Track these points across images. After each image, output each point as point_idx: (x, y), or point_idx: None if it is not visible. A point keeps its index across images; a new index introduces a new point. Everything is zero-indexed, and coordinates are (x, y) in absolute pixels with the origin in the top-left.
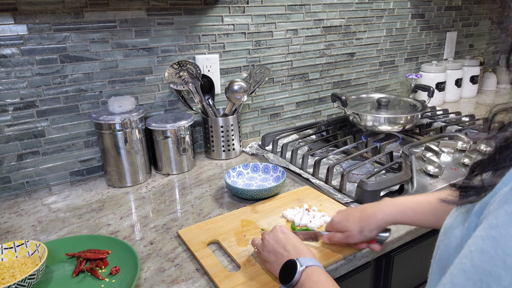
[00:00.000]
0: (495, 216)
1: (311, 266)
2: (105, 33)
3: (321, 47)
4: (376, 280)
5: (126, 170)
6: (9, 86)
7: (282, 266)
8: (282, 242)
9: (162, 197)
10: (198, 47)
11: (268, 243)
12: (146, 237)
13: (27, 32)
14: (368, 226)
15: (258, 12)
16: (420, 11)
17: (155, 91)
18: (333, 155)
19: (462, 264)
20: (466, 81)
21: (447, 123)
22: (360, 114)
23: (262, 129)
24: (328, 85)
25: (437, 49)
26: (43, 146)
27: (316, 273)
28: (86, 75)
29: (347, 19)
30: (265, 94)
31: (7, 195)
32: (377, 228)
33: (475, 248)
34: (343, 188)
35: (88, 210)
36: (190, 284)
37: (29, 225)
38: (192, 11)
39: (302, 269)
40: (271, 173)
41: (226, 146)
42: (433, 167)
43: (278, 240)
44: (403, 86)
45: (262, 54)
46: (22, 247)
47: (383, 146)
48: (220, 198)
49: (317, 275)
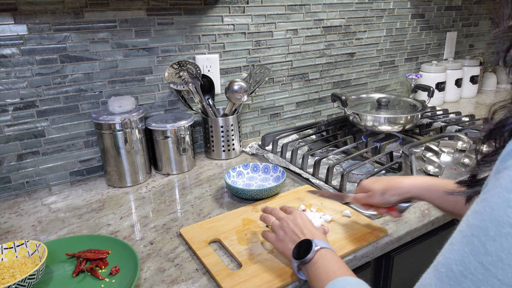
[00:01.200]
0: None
1: (325, 248)
2: (105, 33)
3: (321, 47)
4: (376, 280)
5: (126, 170)
6: (9, 86)
7: (298, 243)
8: (300, 226)
9: (162, 197)
10: (198, 47)
11: (287, 225)
12: (146, 237)
13: (27, 32)
14: (391, 190)
15: (258, 12)
16: (420, 11)
17: (155, 91)
18: (333, 155)
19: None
20: (466, 81)
21: (447, 123)
22: (360, 114)
23: (262, 129)
24: (328, 85)
25: (437, 49)
26: (43, 146)
27: (330, 254)
28: (86, 75)
29: (347, 19)
30: (265, 94)
31: (7, 195)
32: (399, 195)
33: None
34: (343, 188)
35: (88, 210)
36: (190, 284)
37: (29, 225)
38: (192, 11)
39: (317, 248)
40: (271, 173)
41: (226, 146)
42: (433, 167)
43: (296, 223)
44: (403, 86)
45: (262, 54)
46: (22, 247)
47: (383, 146)
48: (220, 198)
49: (331, 256)
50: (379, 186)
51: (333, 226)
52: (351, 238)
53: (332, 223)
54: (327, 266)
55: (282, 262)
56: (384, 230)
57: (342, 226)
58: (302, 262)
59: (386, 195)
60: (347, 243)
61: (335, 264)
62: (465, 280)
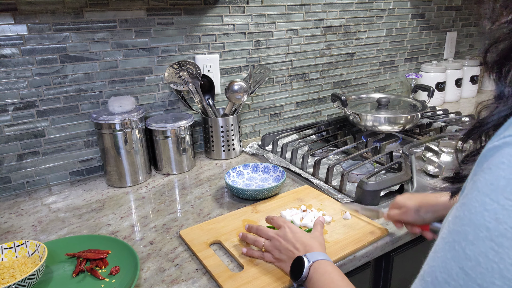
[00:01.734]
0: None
1: (318, 260)
2: (105, 33)
3: (321, 47)
4: (375, 280)
5: (126, 170)
6: (9, 86)
7: (292, 264)
8: (291, 241)
9: (162, 197)
10: (198, 47)
11: (279, 243)
12: (146, 237)
13: (27, 32)
14: (426, 207)
15: (258, 12)
16: (420, 11)
17: (155, 91)
18: (333, 155)
19: (441, 232)
20: (466, 81)
21: (447, 123)
22: (360, 114)
23: (262, 129)
24: (328, 85)
25: (437, 49)
26: (43, 146)
27: (322, 266)
28: (86, 75)
29: (347, 19)
30: (265, 94)
31: (7, 195)
32: (434, 212)
33: (450, 217)
34: (343, 188)
35: (88, 210)
36: (190, 284)
37: (29, 225)
38: (192, 11)
39: (310, 264)
40: (271, 173)
41: (226, 146)
42: (433, 167)
43: (287, 239)
44: (403, 86)
45: (262, 54)
46: (22, 247)
47: (383, 146)
48: (220, 198)
49: (324, 267)
50: (413, 203)
51: (333, 227)
52: (351, 239)
53: (332, 223)
54: (322, 281)
55: None
56: (384, 230)
57: (342, 226)
58: (299, 282)
59: (420, 211)
60: (347, 244)
61: (328, 278)
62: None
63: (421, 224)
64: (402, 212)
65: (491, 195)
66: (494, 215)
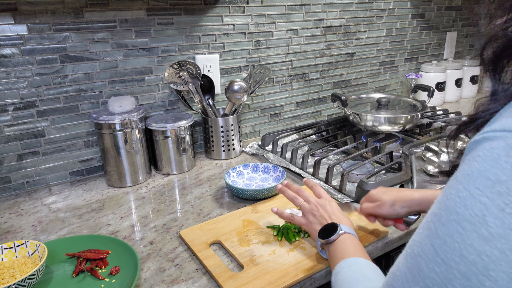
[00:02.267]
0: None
1: (349, 233)
2: (105, 33)
3: (321, 47)
4: None
5: (126, 170)
6: (9, 86)
7: (325, 225)
8: (329, 212)
9: (162, 197)
10: (198, 47)
11: (317, 209)
12: (146, 237)
13: (27, 32)
14: (401, 202)
15: (258, 12)
16: (420, 11)
17: (155, 91)
18: (333, 155)
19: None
20: (466, 81)
21: (447, 123)
22: (360, 114)
23: (262, 129)
24: (328, 85)
25: (437, 49)
26: (43, 146)
27: (350, 239)
28: (86, 75)
29: (347, 19)
30: (265, 94)
31: (7, 195)
32: (409, 207)
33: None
34: (343, 188)
35: (88, 210)
36: (190, 284)
37: (29, 225)
38: (192, 11)
39: (342, 232)
40: (271, 173)
41: (226, 146)
42: (433, 167)
43: (326, 210)
44: (403, 86)
45: (262, 54)
46: (22, 247)
47: (383, 146)
48: (220, 198)
49: (351, 240)
50: (389, 197)
51: None
52: None
53: None
54: (345, 248)
55: (284, 264)
56: (384, 230)
57: None
58: (326, 242)
59: (395, 206)
60: None
61: (352, 247)
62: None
63: (394, 218)
64: (376, 205)
65: (464, 184)
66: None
